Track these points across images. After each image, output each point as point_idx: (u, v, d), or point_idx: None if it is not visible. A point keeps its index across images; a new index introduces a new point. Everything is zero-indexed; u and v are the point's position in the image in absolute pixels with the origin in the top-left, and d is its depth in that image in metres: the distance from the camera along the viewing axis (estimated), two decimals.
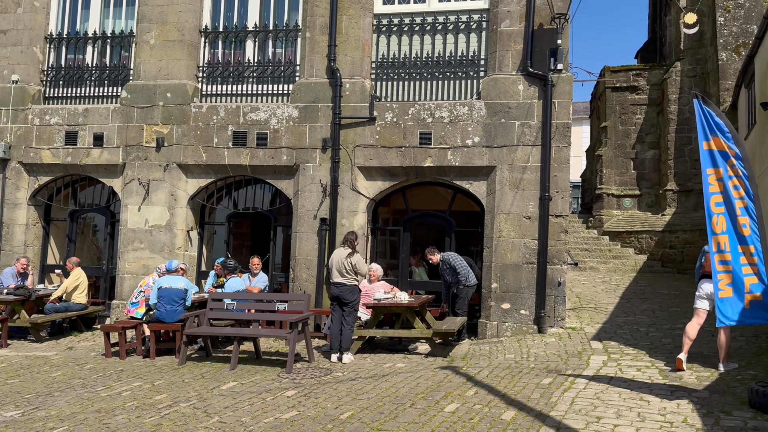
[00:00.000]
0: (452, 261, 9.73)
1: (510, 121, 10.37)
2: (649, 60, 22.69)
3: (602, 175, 19.26)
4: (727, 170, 5.63)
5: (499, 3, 10.62)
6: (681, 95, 17.92)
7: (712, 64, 16.99)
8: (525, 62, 10.33)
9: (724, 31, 16.47)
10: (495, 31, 10.64)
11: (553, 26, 10.27)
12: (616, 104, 19.55)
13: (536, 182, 10.13)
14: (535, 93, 10.32)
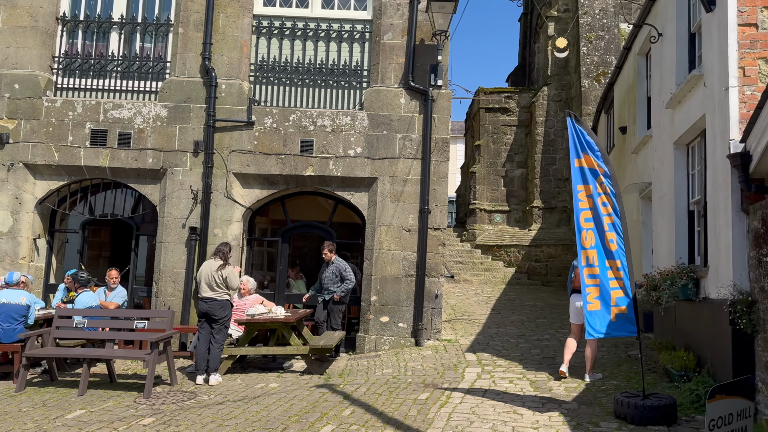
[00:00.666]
0: (342, 266, 9.42)
1: (392, 133, 10.33)
2: (518, 84, 24.02)
3: (475, 191, 19.99)
4: (596, 187, 5.87)
5: (382, 15, 10.59)
6: (547, 118, 19.09)
7: (576, 90, 18.28)
8: (407, 76, 10.36)
9: (586, 60, 17.79)
10: (378, 42, 10.59)
11: (434, 42, 10.40)
12: (489, 124, 20.42)
13: (416, 195, 10.16)
14: (416, 107, 10.37)
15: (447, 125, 10.41)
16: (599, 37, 18.05)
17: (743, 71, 5.87)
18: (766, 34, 5.84)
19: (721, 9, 6.15)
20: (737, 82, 5.86)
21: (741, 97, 5.84)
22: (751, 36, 5.88)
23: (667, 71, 8.32)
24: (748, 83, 5.85)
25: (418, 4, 10.50)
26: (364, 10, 10.95)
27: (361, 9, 10.97)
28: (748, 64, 5.86)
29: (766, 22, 5.85)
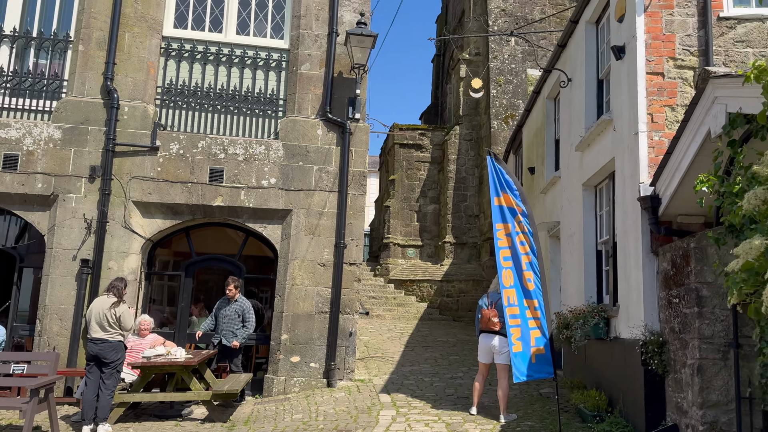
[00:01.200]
0: (246, 307, 8.83)
1: (308, 164, 10.02)
2: (431, 122, 24.54)
3: (389, 226, 19.96)
4: (515, 226, 5.86)
5: (300, 45, 10.39)
6: (459, 156, 19.51)
7: (486, 130, 18.84)
8: (324, 107, 10.15)
9: (496, 102, 18.43)
10: (295, 72, 10.34)
11: (352, 75, 10.29)
12: (403, 159, 20.60)
13: (332, 229, 9.86)
14: (334, 139, 10.16)
15: (364, 158, 10.26)
16: (508, 81, 18.79)
17: (651, 117, 6.12)
18: (672, 83, 6.13)
19: (631, 57, 6.42)
20: (646, 127, 6.09)
21: (650, 142, 6.07)
22: (659, 84, 6.15)
23: (577, 115, 8.62)
24: (656, 129, 6.09)
25: (336, 37, 10.39)
26: (281, 39, 10.70)
27: (277, 38, 10.72)
28: (656, 111, 6.11)
29: (672, 72, 6.14)
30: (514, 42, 19.14)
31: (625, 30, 6.61)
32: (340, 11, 10.58)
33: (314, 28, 10.50)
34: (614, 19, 7.02)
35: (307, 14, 10.52)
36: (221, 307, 8.87)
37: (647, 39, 6.22)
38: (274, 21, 10.79)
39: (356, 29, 9.93)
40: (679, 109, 6.09)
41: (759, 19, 6.12)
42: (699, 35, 6.19)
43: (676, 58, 6.19)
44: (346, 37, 10.03)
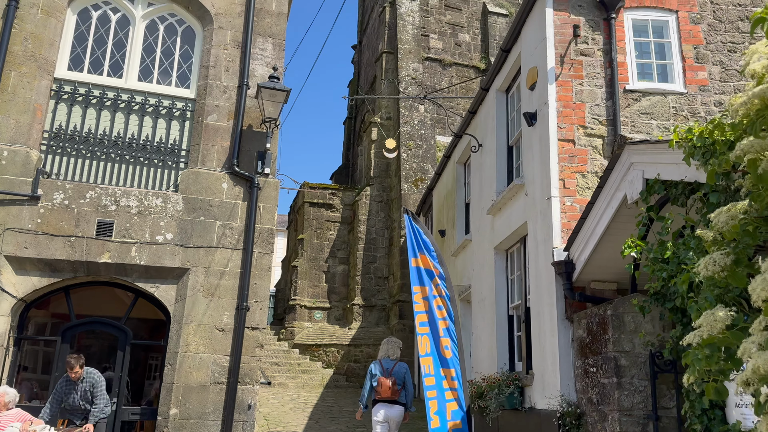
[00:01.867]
0: (97, 380, 7.71)
1: (210, 220, 9.37)
2: (341, 183, 24.47)
3: (296, 287, 19.26)
4: (432, 289, 5.57)
5: (207, 96, 9.92)
6: (369, 217, 19.38)
7: (396, 192, 18.91)
8: (231, 160, 9.63)
9: (406, 165, 18.61)
10: (201, 123, 9.81)
11: (263, 129, 9.91)
12: (313, 219, 20.19)
13: (234, 290, 9.16)
14: (240, 194, 9.61)
15: (273, 215, 9.75)
16: (417, 146, 19.12)
17: (563, 183, 6.14)
18: (582, 150, 6.22)
19: (543, 124, 6.50)
20: (558, 192, 6.10)
21: (562, 207, 6.06)
22: (570, 151, 6.23)
23: (488, 179, 8.66)
24: (568, 194, 6.10)
25: (247, 89, 10.03)
26: (187, 89, 10.19)
27: (183, 87, 10.20)
28: (567, 177, 6.15)
29: (582, 140, 6.25)
30: (423, 109, 19.64)
31: (537, 98, 6.72)
32: (252, 64, 10.27)
33: (223, 79, 10.10)
34: (525, 87, 7.17)
35: (216, 65, 10.12)
36: (66, 392, 7.70)
37: (558, 107, 6.33)
38: (180, 70, 10.29)
39: (268, 83, 9.62)
40: (589, 175, 6.17)
41: (661, 93, 6.41)
42: (607, 105, 6.38)
43: (586, 127, 6.32)
44: (257, 90, 9.69)
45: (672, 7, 6.78)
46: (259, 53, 10.42)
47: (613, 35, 6.47)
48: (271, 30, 10.61)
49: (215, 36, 10.27)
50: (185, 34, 10.51)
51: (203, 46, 10.35)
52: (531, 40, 7.01)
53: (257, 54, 10.39)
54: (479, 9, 21.91)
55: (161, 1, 10.41)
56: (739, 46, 6.67)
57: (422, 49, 20.44)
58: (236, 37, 10.35)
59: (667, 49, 6.73)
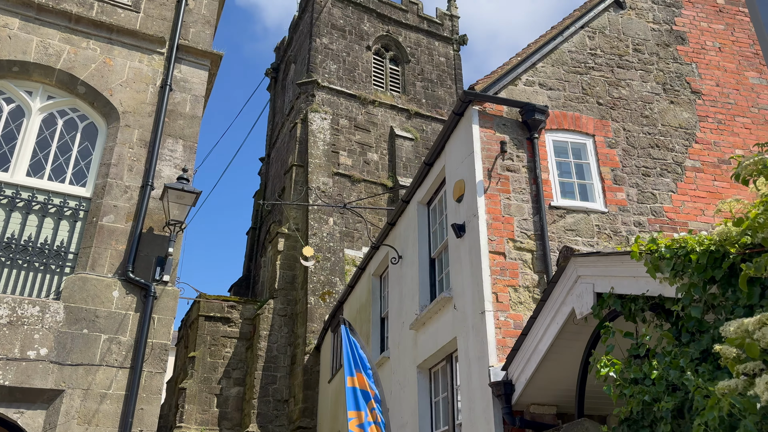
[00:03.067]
0: None
1: (95, 333, 8.19)
2: (242, 296, 23.24)
3: (183, 412, 17.32)
4: (367, 415, 4.91)
5: (105, 195, 9.08)
6: (272, 332, 18.24)
7: (302, 306, 18.08)
8: (126, 266, 8.67)
9: (313, 278, 18.00)
10: (94, 224, 8.88)
11: (165, 233, 9.11)
12: (207, 334, 18.70)
13: (116, 416, 7.84)
14: (133, 303, 8.57)
15: (169, 329, 8.72)
16: (326, 258, 18.68)
17: (496, 297, 5.89)
18: (513, 263, 6.06)
19: (473, 236, 6.34)
20: (492, 306, 5.81)
21: (496, 322, 5.76)
22: (501, 264, 6.05)
23: (409, 292, 8.31)
24: (502, 309, 5.84)
25: (151, 190, 9.31)
26: (83, 187, 9.31)
27: (79, 185, 9.31)
28: (500, 290, 5.92)
29: (512, 253, 6.11)
30: (332, 222, 19.49)
31: (466, 209, 6.62)
32: (160, 165, 9.64)
33: (126, 178, 9.35)
34: (451, 199, 7.08)
35: (119, 163, 9.39)
36: None
37: (488, 219, 6.23)
38: (78, 167, 9.45)
39: (177, 183, 8.99)
40: (521, 290, 5.97)
41: (584, 211, 6.51)
42: (534, 220, 6.36)
43: (516, 240, 6.23)
44: (163, 191, 9.00)
45: (589, 131, 7.15)
46: (168, 154, 9.84)
47: (537, 153, 6.64)
48: (183, 132, 10.15)
49: (121, 134, 9.64)
50: (87, 130, 9.80)
51: (106, 143, 9.65)
52: (456, 154, 7.05)
53: (166, 155, 9.81)
54: (387, 132, 22.78)
55: (63, 95, 9.74)
56: (652, 171, 7.08)
57: (332, 165, 20.67)
58: (144, 137, 9.77)
59: (587, 169, 6.99)
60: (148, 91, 10.09)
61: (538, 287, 6.03)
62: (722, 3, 8.65)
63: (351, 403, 5.00)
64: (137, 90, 10.02)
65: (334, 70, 22.56)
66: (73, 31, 9.90)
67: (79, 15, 9.84)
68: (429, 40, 25.21)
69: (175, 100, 10.21)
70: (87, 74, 9.81)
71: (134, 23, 10.23)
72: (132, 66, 10.15)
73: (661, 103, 7.63)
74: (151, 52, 10.30)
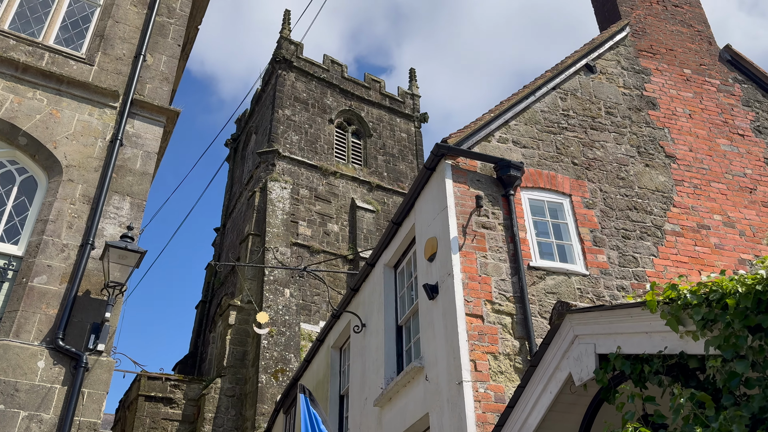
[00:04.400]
0: None
1: (12, 409, 7.11)
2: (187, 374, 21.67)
3: None
4: None
5: (39, 254, 8.22)
6: (218, 414, 16.81)
7: (252, 385, 16.82)
8: (56, 332, 7.70)
9: (266, 354, 16.88)
10: (23, 285, 7.95)
11: (104, 296, 8.23)
12: (147, 416, 17.09)
13: None
14: (60, 375, 7.55)
15: (100, 405, 7.68)
16: (281, 333, 17.66)
17: (474, 365, 5.28)
18: (492, 328, 5.51)
19: (447, 297, 5.79)
20: (470, 376, 5.18)
21: (475, 394, 5.11)
22: (479, 328, 5.48)
23: (373, 364, 7.59)
24: (481, 379, 5.21)
25: (91, 249, 8.49)
26: (15, 245, 8.43)
27: (10, 242, 8.44)
28: (478, 358, 5.32)
29: (491, 316, 5.57)
30: (289, 293, 18.61)
31: (439, 268, 6.09)
32: (103, 223, 8.87)
33: (63, 236, 8.52)
34: (422, 259, 6.56)
35: (57, 219, 8.59)
36: None
37: (464, 278, 5.71)
38: (11, 223, 8.60)
39: (119, 242, 8.20)
40: (501, 358, 5.38)
41: (565, 273, 6.08)
42: (513, 281, 5.87)
43: (494, 302, 5.70)
44: (104, 250, 8.19)
45: (565, 190, 6.86)
46: (113, 212, 9.10)
47: (513, 211, 6.26)
48: (131, 189, 9.45)
49: (62, 189, 8.90)
50: (25, 184, 9.03)
51: (45, 198, 8.88)
52: (428, 210, 6.60)
53: (110, 212, 9.06)
54: (348, 203, 22.44)
55: (2, 147, 9.03)
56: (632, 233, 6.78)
57: (291, 235, 20.02)
58: (88, 192, 9.04)
59: (564, 230, 6.63)
60: (97, 145, 9.46)
61: (519, 355, 5.45)
62: (689, 72, 8.81)
63: None
64: (84, 144, 9.39)
65: (296, 140, 22.37)
66: (19, 80, 9.31)
67: (27, 64, 9.29)
68: (391, 117, 25.50)
69: (125, 155, 9.60)
70: (30, 125, 9.15)
71: (87, 75, 9.72)
72: (81, 119, 9.56)
73: (637, 166, 7.47)
74: (102, 105, 9.76)
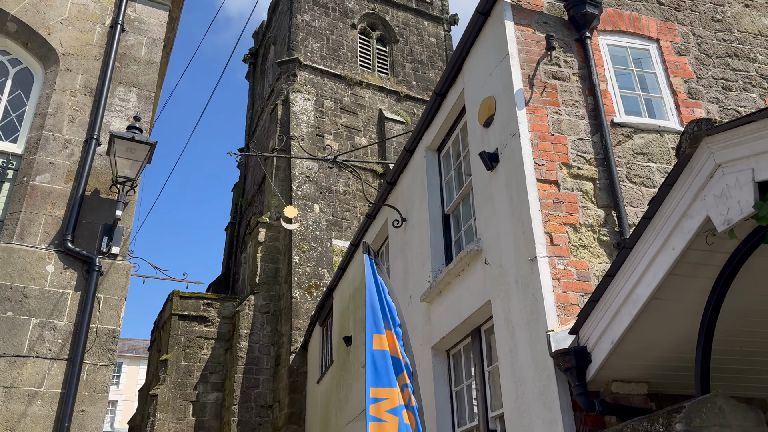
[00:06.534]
0: None
1: (23, 316, 6.46)
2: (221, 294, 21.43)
3: (155, 421, 15.45)
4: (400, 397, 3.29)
5: (40, 150, 7.37)
6: (253, 331, 16.47)
7: (286, 301, 16.34)
8: (64, 234, 6.94)
9: (299, 269, 16.28)
10: (25, 185, 7.15)
11: (113, 195, 7.40)
12: (182, 335, 16.86)
13: (48, 421, 6.12)
14: (73, 280, 6.84)
15: (119, 311, 7.00)
16: (312, 248, 16.98)
17: (551, 238, 4.28)
18: (570, 195, 4.47)
19: (511, 163, 4.75)
20: (546, 251, 4.20)
21: (553, 272, 4.14)
22: (554, 196, 4.46)
23: (417, 259, 6.69)
24: (559, 254, 4.24)
25: (97, 145, 7.61)
26: (14, 142, 7.58)
27: (7, 140, 7.59)
28: (555, 230, 4.32)
29: (568, 182, 4.53)
30: (319, 209, 17.82)
31: (499, 132, 5.01)
32: (108, 116, 7.94)
33: (65, 131, 7.63)
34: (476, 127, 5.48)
35: (57, 113, 7.68)
36: None
37: (533, 138, 4.63)
38: (7, 119, 7.72)
39: (125, 132, 7.28)
40: (583, 230, 4.38)
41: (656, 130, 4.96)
42: (594, 140, 4.79)
43: (571, 165, 4.64)
44: (109, 142, 7.29)
45: (651, 35, 5.63)
46: (119, 104, 8.14)
47: (591, 57, 5.10)
48: (137, 79, 8.45)
49: (60, 79, 7.94)
50: (20, 76, 8.08)
51: (42, 90, 7.94)
52: (481, 68, 5.47)
53: (116, 105, 8.10)
54: (375, 115, 21.20)
55: None
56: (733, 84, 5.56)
57: (317, 149, 19.00)
58: (89, 83, 8.06)
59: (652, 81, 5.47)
60: (95, 31, 8.41)
61: (604, 226, 4.46)
62: None
63: (376, 375, 3.38)
64: (81, 29, 8.34)
65: (317, 48, 20.95)
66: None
67: None
68: (418, 20, 23.72)
69: (128, 42, 8.54)
70: (19, 9, 8.10)
71: None
72: (75, 2, 8.47)
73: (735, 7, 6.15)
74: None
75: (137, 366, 39.56)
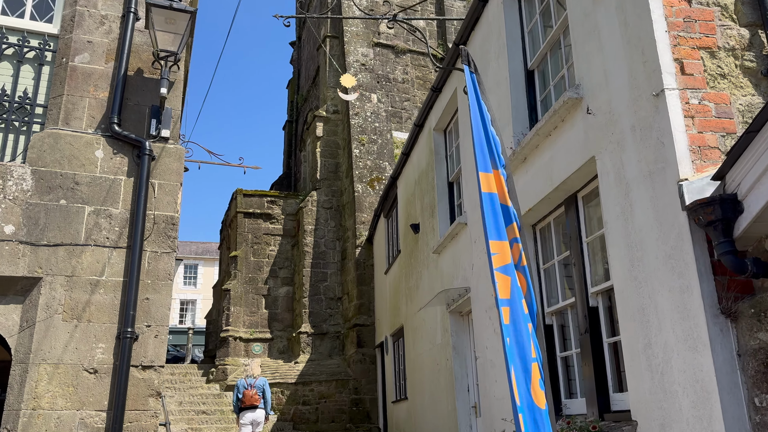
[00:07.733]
0: None
1: (76, 204, 6.15)
2: None
3: (229, 314, 15.84)
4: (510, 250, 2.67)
5: (76, 28, 6.77)
6: (317, 227, 16.28)
7: (348, 196, 15.93)
8: (110, 118, 6.47)
9: (359, 163, 15.70)
10: (65, 66, 6.63)
11: (156, 73, 6.81)
12: (248, 232, 16.90)
13: (114, 309, 5.93)
14: (124, 166, 6.43)
15: (175, 197, 6.61)
16: (372, 141, 16.27)
17: (681, 66, 3.35)
18: (706, 11, 3.48)
19: None
20: (675, 82, 3.28)
21: (685, 107, 3.24)
22: (684, 13, 3.47)
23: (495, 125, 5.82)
24: (693, 86, 3.32)
25: (136, 20, 6.95)
26: (48, 23, 7.00)
27: (42, 20, 7.00)
28: (685, 56, 3.38)
29: None
30: (376, 99, 16.89)
31: None
32: None
33: (100, 6, 6.97)
34: None
35: None
36: None
37: None
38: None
39: (163, 1, 6.56)
40: (722, 55, 3.43)
41: None
42: None
43: None
44: (146, 12, 6.60)
45: None
46: None
47: None
48: None
49: None
50: None
51: None
52: None
53: None
54: None
55: None
56: None
57: (372, 34, 17.78)
58: None
59: None
60: None
61: (749, 50, 3.49)
62: None
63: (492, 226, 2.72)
64: None
65: None
66: None
67: None
68: None
69: None
70: None
71: None
72: None
73: None
74: None
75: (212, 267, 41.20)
